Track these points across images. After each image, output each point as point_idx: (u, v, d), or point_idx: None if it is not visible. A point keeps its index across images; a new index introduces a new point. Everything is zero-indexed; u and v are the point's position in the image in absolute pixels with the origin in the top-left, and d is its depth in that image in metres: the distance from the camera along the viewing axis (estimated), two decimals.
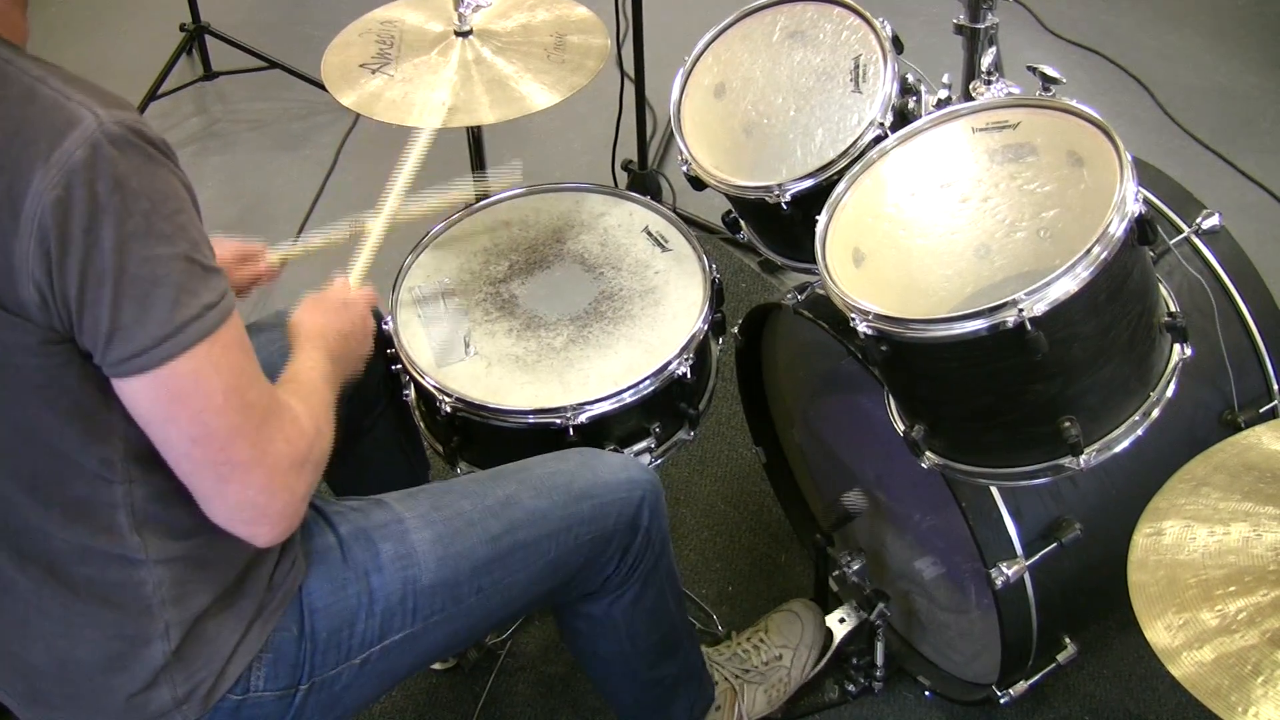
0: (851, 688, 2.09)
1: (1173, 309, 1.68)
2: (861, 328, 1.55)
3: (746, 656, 2.05)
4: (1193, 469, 1.37)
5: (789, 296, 1.93)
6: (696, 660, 1.91)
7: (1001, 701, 1.89)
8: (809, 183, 1.79)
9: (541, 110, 1.97)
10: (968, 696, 2.00)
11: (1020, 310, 1.44)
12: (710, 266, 1.94)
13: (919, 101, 1.84)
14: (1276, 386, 1.87)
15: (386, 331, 1.87)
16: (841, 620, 2.09)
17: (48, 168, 1.12)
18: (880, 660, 2.06)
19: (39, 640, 1.35)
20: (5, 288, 1.15)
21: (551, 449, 1.71)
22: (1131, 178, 1.49)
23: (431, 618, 1.52)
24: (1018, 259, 1.61)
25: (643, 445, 1.85)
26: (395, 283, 1.96)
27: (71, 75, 1.19)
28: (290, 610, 1.43)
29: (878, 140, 1.77)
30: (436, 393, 1.79)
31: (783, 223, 1.85)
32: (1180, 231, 1.85)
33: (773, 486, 2.33)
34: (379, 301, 1.72)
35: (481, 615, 1.57)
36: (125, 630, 1.34)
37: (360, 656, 1.48)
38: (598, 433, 1.78)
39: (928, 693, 2.08)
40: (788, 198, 1.80)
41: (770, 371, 2.22)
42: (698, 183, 1.94)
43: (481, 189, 2.08)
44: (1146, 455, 1.64)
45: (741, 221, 2.05)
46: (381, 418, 1.94)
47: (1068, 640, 1.89)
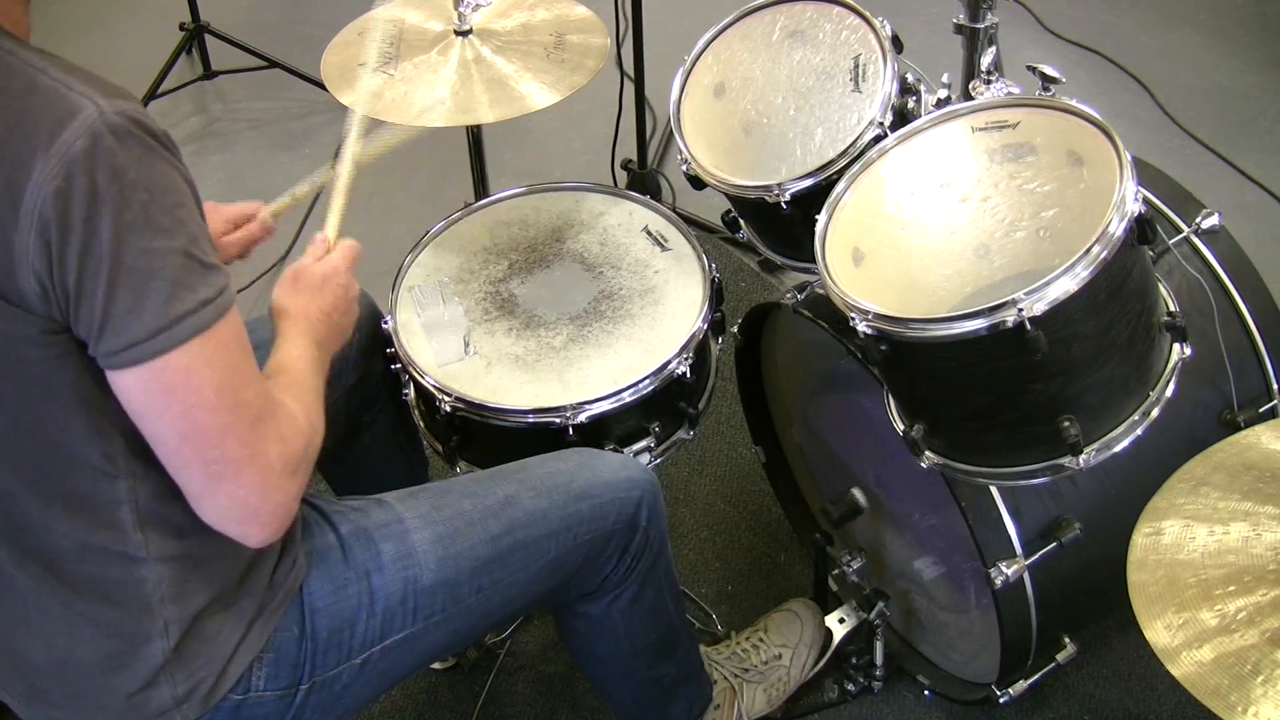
0: (851, 687, 2.09)
1: (1172, 308, 1.68)
2: (861, 327, 1.55)
3: (746, 656, 2.05)
4: (1192, 468, 1.37)
5: (788, 296, 1.93)
6: (695, 660, 1.91)
7: (1001, 701, 1.89)
8: (808, 182, 1.79)
9: (541, 109, 1.97)
10: (967, 696, 2.00)
11: (1020, 310, 1.44)
12: (710, 266, 1.93)
13: (918, 101, 1.84)
14: (1276, 386, 1.87)
15: (386, 330, 1.87)
16: (841, 620, 2.09)
17: (48, 158, 1.12)
18: (880, 660, 2.06)
19: (39, 638, 1.35)
20: (6, 279, 1.15)
21: (551, 448, 1.71)
22: (1131, 177, 1.49)
23: (432, 617, 1.51)
24: (1017, 258, 1.61)
25: (642, 445, 1.85)
26: (395, 282, 1.96)
27: (74, 66, 1.18)
28: (291, 610, 1.43)
29: (877, 140, 1.76)
30: (436, 392, 1.79)
31: (782, 222, 1.85)
32: (1180, 231, 1.85)
33: (772, 486, 2.33)
34: (359, 251, 1.64)
35: (481, 615, 1.57)
36: (125, 628, 1.34)
37: (361, 656, 1.48)
38: (597, 432, 1.78)
39: (927, 692, 2.08)
40: (787, 197, 1.80)
41: (770, 371, 2.22)
42: (697, 182, 1.94)
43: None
44: (1146, 455, 1.64)
45: (741, 221, 2.05)
46: (381, 416, 1.94)
47: (1067, 640, 1.89)
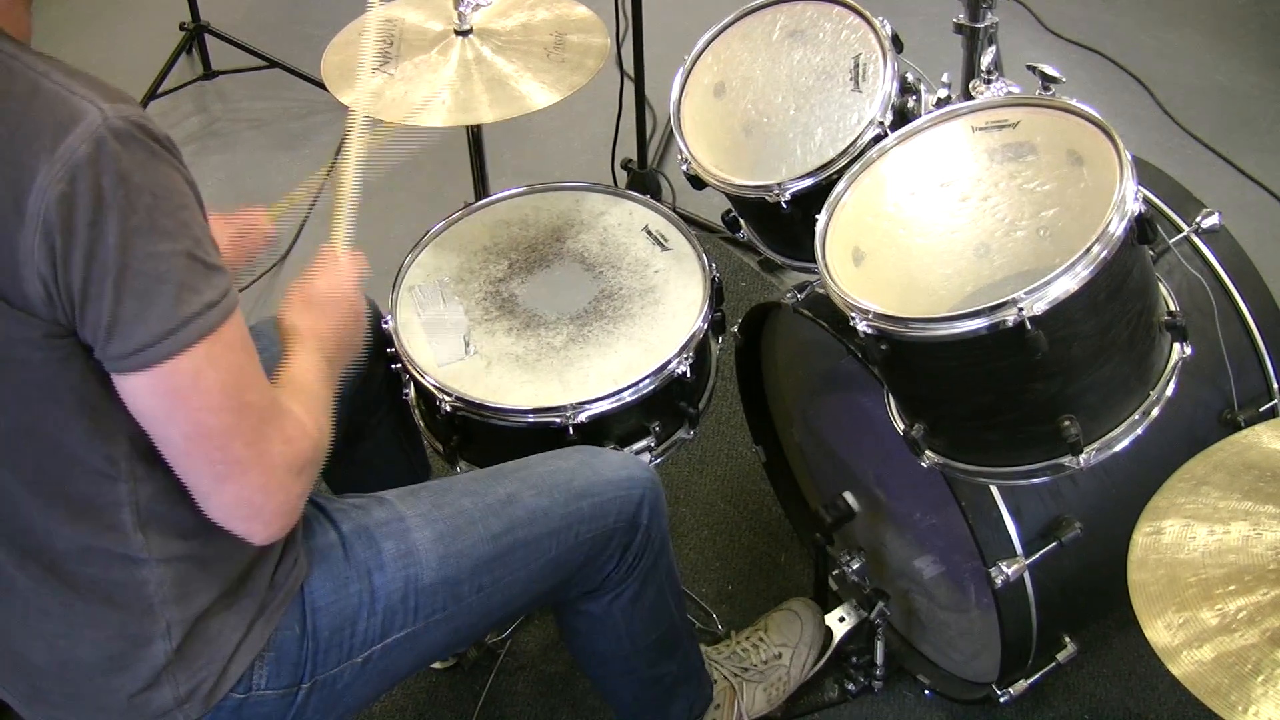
0: (851, 686, 2.09)
1: (1172, 308, 1.68)
2: (861, 327, 1.55)
3: (746, 655, 2.05)
4: (1192, 468, 1.37)
5: (789, 295, 1.93)
6: (696, 659, 1.91)
7: (1001, 700, 1.90)
8: (809, 182, 1.79)
9: (541, 109, 1.97)
10: (967, 695, 2.01)
11: (1020, 309, 1.44)
12: (710, 265, 1.93)
13: (919, 100, 1.84)
14: (1276, 385, 1.87)
15: (386, 330, 1.87)
16: (841, 619, 2.09)
17: (52, 162, 1.12)
18: (880, 659, 2.06)
19: (40, 639, 1.35)
20: (10, 282, 1.15)
21: (551, 448, 1.71)
22: (1131, 177, 1.49)
23: (433, 616, 1.52)
24: (1017, 258, 1.61)
25: (642, 444, 1.85)
26: (395, 282, 1.96)
27: (76, 70, 1.18)
28: (292, 609, 1.43)
29: (877, 139, 1.76)
30: (436, 392, 1.79)
31: (782, 222, 1.85)
32: (1180, 230, 1.85)
33: (772, 485, 2.33)
34: (367, 265, 1.64)
35: (482, 613, 1.57)
36: (127, 629, 1.34)
37: (362, 655, 1.48)
38: (597, 432, 1.78)
39: (927, 691, 2.08)
40: (787, 197, 1.80)
41: (770, 370, 2.22)
42: (697, 182, 1.94)
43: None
44: (1146, 454, 1.64)
45: (741, 220, 2.05)
46: (383, 419, 1.94)
47: (1067, 639, 1.89)
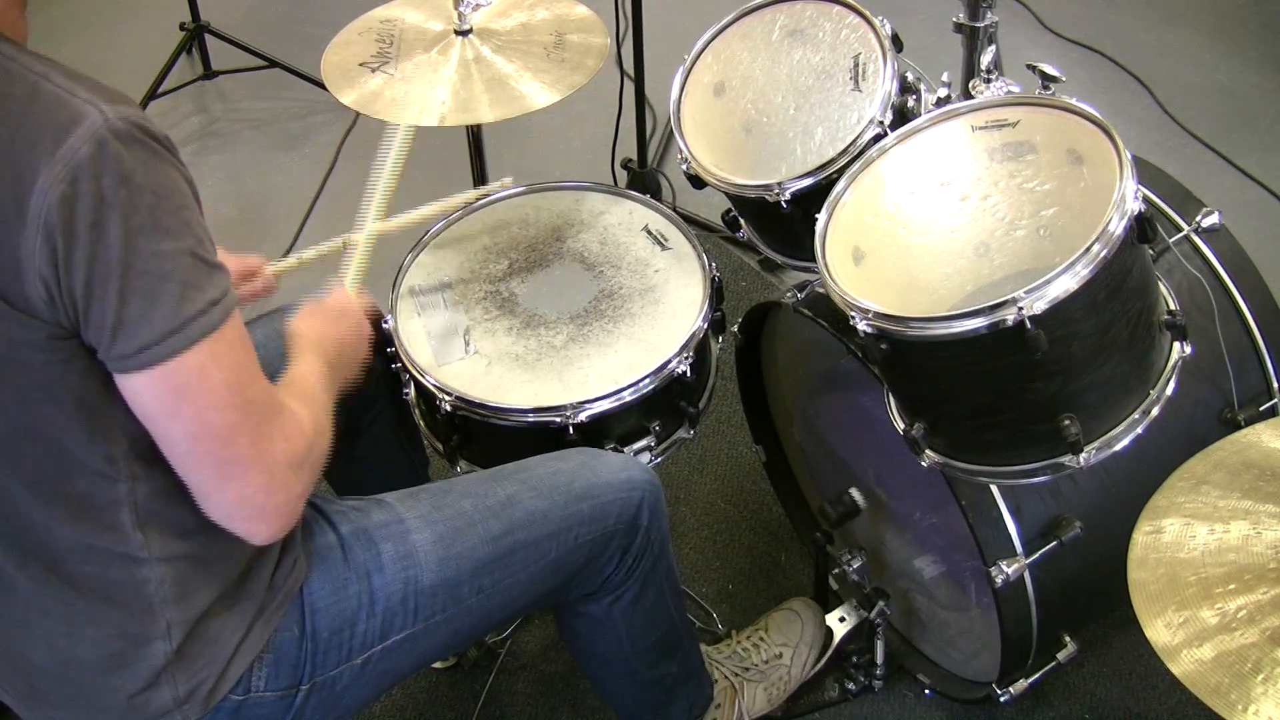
0: (851, 686, 2.09)
1: (1172, 307, 1.68)
2: (861, 326, 1.55)
3: (746, 655, 2.05)
4: (1192, 467, 1.37)
5: (789, 295, 1.93)
6: (696, 660, 1.91)
7: (1001, 700, 1.90)
8: (808, 181, 1.79)
9: (541, 109, 1.97)
10: (968, 695, 2.00)
11: (1020, 308, 1.44)
12: (710, 265, 1.93)
13: (918, 100, 1.84)
14: (1276, 384, 1.87)
15: (386, 330, 1.87)
16: (842, 619, 2.09)
17: (53, 164, 1.12)
18: (880, 659, 2.06)
19: (40, 639, 1.35)
20: (12, 284, 1.15)
21: (551, 448, 1.71)
22: (1131, 176, 1.49)
23: (432, 618, 1.52)
24: (1017, 257, 1.61)
25: (642, 444, 1.84)
26: (395, 281, 1.96)
27: (75, 72, 1.19)
28: (292, 610, 1.43)
29: (877, 139, 1.76)
30: (436, 391, 1.79)
31: (782, 221, 1.85)
32: (1180, 230, 1.85)
33: (773, 485, 2.33)
34: (377, 308, 1.71)
35: (482, 615, 1.57)
36: (127, 629, 1.34)
37: (361, 657, 1.48)
38: (598, 431, 1.78)
39: (928, 691, 2.08)
40: (787, 196, 1.80)
41: (770, 370, 2.22)
42: (697, 181, 1.94)
43: (471, 198, 2.07)
44: (1146, 453, 1.64)
45: (741, 220, 2.05)
46: (381, 416, 1.94)
47: (1068, 638, 1.89)
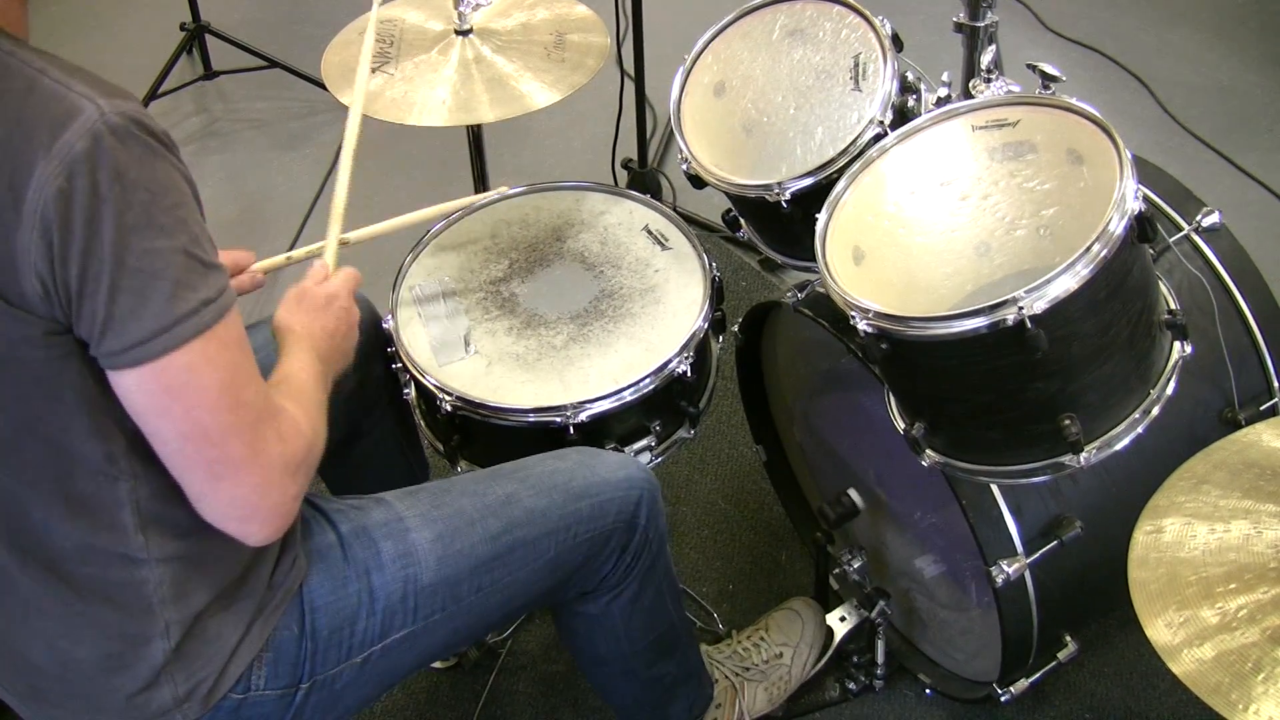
0: (852, 686, 2.09)
1: (1173, 307, 1.68)
2: (861, 326, 1.55)
3: (747, 654, 2.05)
4: (1193, 466, 1.37)
5: (789, 295, 1.93)
6: (695, 660, 1.91)
7: (1002, 699, 1.90)
8: (809, 181, 1.79)
9: (541, 109, 1.97)
10: (968, 694, 2.00)
11: (1020, 308, 1.44)
12: (710, 265, 1.93)
13: (919, 100, 1.84)
14: (1276, 384, 1.87)
15: (386, 330, 1.87)
16: (842, 619, 2.09)
17: (49, 158, 1.12)
18: (881, 658, 2.06)
19: (39, 638, 1.35)
20: (8, 280, 1.15)
21: (552, 447, 1.71)
22: (1131, 175, 1.49)
23: (432, 616, 1.52)
24: (1018, 257, 1.61)
25: (643, 444, 1.84)
26: (395, 281, 1.96)
27: (74, 66, 1.18)
28: (291, 609, 1.43)
29: (878, 138, 1.76)
30: (437, 391, 1.79)
31: (783, 221, 1.85)
32: (1180, 229, 1.85)
33: (773, 485, 2.33)
34: (360, 279, 1.66)
35: (481, 614, 1.57)
36: (126, 629, 1.34)
37: (361, 655, 1.48)
38: (598, 431, 1.78)
39: (928, 690, 2.08)
40: (788, 196, 1.80)
41: (770, 370, 2.22)
42: (698, 181, 1.94)
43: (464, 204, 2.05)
44: (1147, 453, 1.64)
45: (741, 220, 2.05)
46: (381, 419, 1.94)
47: (1068, 638, 1.89)
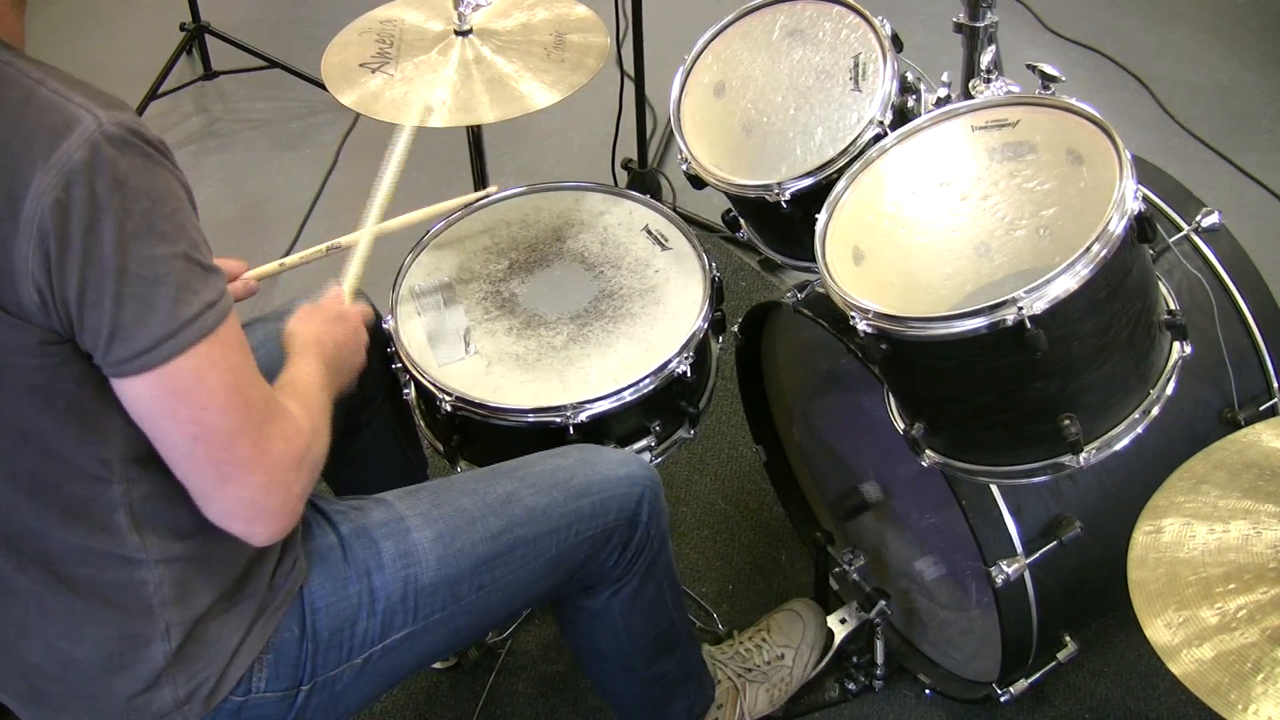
0: (852, 686, 2.09)
1: (1172, 307, 1.68)
2: (861, 326, 1.55)
3: (749, 655, 2.05)
4: (1192, 467, 1.37)
5: (789, 295, 1.93)
6: (695, 660, 1.91)
7: (1002, 700, 1.90)
8: (808, 181, 1.79)
9: (541, 109, 1.97)
10: (968, 695, 2.00)
11: (1020, 308, 1.44)
12: (710, 265, 1.93)
13: (918, 100, 1.84)
14: (1276, 384, 1.87)
15: (386, 330, 1.87)
16: (842, 620, 2.08)
17: (47, 169, 1.12)
18: (881, 659, 2.06)
19: (39, 640, 1.35)
20: (6, 289, 1.15)
21: (552, 447, 1.71)
22: (1131, 175, 1.49)
23: (433, 616, 1.52)
24: (1017, 257, 1.61)
25: (643, 444, 1.84)
26: (395, 281, 1.96)
27: (70, 77, 1.19)
28: (292, 610, 1.43)
29: (877, 139, 1.76)
30: (436, 391, 1.79)
31: (782, 221, 1.85)
32: (1180, 229, 1.85)
33: (773, 485, 2.33)
34: (373, 312, 1.72)
35: (482, 613, 1.57)
36: (126, 630, 1.34)
37: (362, 656, 1.48)
38: (598, 431, 1.78)
39: (928, 691, 2.08)
40: (787, 196, 1.80)
41: (770, 370, 2.22)
42: (697, 181, 1.94)
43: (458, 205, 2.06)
44: (1146, 453, 1.64)
45: (741, 220, 2.05)
46: (379, 414, 1.94)
47: (1068, 638, 1.89)
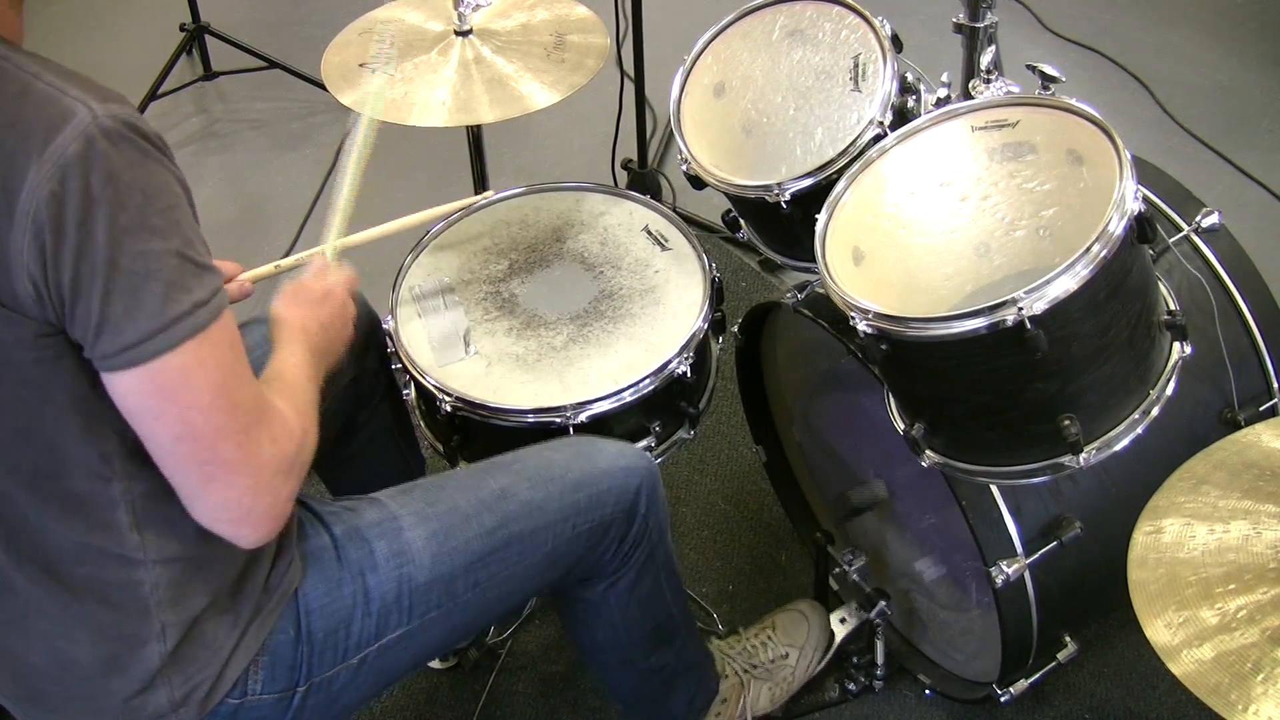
0: (852, 686, 2.09)
1: (1172, 307, 1.68)
2: (861, 326, 1.55)
3: (755, 652, 2.05)
4: (1192, 467, 1.37)
5: (789, 295, 1.93)
6: (696, 653, 1.90)
7: (1002, 700, 1.89)
8: (808, 181, 1.79)
9: (541, 109, 1.97)
10: (968, 695, 2.00)
11: (1020, 309, 1.44)
12: (710, 265, 1.93)
13: (918, 100, 1.84)
14: (1276, 384, 1.87)
15: (386, 330, 1.87)
16: (843, 620, 2.08)
17: (42, 161, 1.12)
18: (881, 659, 2.06)
19: (36, 640, 1.35)
20: (1, 282, 1.15)
21: None
22: (1131, 176, 1.49)
23: (428, 614, 1.51)
24: (1017, 257, 1.61)
25: (643, 444, 1.84)
26: (395, 281, 1.96)
27: (68, 70, 1.19)
28: (287, 612, 1.43)
29: (877, 139, 1.76)
30: (436, 392, 1.79)
31: (782, 221, 1.85)
32: (1180, 230, 1.85)
33: (773, 485, 2.33)
34: (357, 281, 1.68)
35: (479, 610, 1.57)
36: (122, 631, 1.34)
37: (357, 656, 1.48)
38: (598, 431, 1.78)
39: (928, 691, 2.08)
40: (787, 196, 1.80)
41: (770, 370, 2.22)
42: (697, 182, 1.94)
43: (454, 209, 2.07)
44: (1146, 453, 1.64)
45: (741, 220, 2.05)
46: (376, 414, 1.94)
47: (1068, 638, 1.89)
